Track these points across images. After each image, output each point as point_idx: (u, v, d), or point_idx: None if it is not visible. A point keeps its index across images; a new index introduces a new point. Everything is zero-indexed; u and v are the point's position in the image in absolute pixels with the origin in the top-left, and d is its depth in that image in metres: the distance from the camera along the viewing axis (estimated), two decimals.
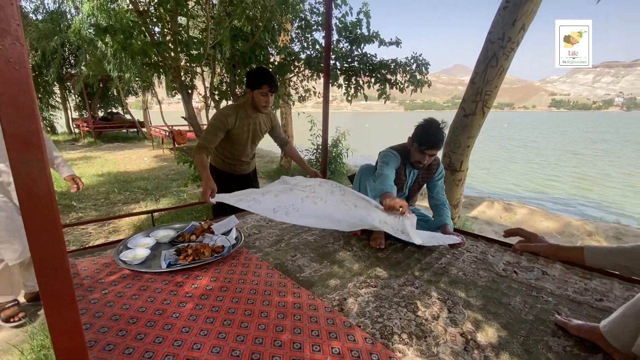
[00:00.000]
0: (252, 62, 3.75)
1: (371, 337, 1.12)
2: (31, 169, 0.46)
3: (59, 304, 0.52)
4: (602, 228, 4.10)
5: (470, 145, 2.86)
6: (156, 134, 10.09)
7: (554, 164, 12.57)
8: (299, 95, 4.74)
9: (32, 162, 0.46)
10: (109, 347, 1.01)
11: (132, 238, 1.72)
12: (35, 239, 0.49)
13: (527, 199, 6.85)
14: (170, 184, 5.84)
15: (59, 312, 0.53)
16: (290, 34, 4.83)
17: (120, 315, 1.16)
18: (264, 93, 1.99)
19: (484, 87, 2.65)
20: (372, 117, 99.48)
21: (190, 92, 3.78)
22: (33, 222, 0.48)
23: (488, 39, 2.60)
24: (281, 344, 1.06)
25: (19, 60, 0.43)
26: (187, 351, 1.01)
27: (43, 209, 0.48)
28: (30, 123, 0.45)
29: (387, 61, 3.95)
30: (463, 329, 1.17)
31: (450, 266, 1.69)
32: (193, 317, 1.17)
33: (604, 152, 16.32)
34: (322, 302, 1.31)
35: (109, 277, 1.42)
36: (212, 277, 1.45)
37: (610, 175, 10.43)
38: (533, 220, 4.46)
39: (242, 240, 1.75)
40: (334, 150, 6.81)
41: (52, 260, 0.50)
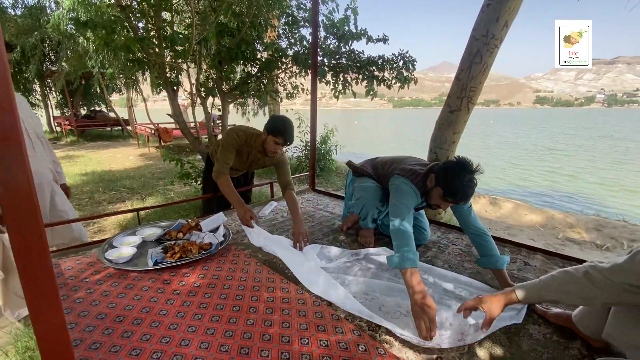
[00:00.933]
0: (238, 58, 3.71)
1: (358, 329, 1.14)
2: (10, 165, 0.45)
3: (42, 303, 0.52)
4: (582, 220, 4.23)
5: (455, 141, 2.92)
6: (141, 132, 9.90)
7: (534, 159, 12.90)
8: (287, 92, 4.72)
9: (10, 158, 0.45)
10: (95, 345, 1.00)
11: (117, 236, 1.70)
12: (16, 235, 0.48)
13: (507, 193, 7.01)
14: (157, 182, 5.75)
15: (43, 311, 0.53)
16: (277, 30, 4.80)
17: (106, 314, 1.15)
18: (277, 142, 1.94)
19: (469, 84, 2.70)
20: (361, 114, 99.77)
21: (175, 88, 3.72)
22: (14, 218, 0.48)
23: (472, 36, 2.64)
24: (270, 338, 1.07)
25: None
26: (176, 347, 1.01)
27: (23, 205, 0.47)
28: (8, 118, 0.44)
29: (374, 58, 3.97)
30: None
31: (436, 259, 1.72)
32: (181, 314, 1.17)
33: (581, 148, 16.83)
34: (311, 296, 1.32)
35: (94, 276, 1.40)
36: (200, 274, 1.44)
37: (583, 170, 10.78)
38: (517, 214, 4.57)
39: (230, 237, 1.75)
40: (322, 147, 6.82)
41: (34, 257, 0.50)
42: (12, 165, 0.45)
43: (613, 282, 0.90)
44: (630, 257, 0.89)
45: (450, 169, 1.41)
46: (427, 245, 1.90)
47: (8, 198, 0.46)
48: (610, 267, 0.92)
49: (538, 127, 35.05)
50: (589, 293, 0.95)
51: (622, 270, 0.89)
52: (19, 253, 0.49)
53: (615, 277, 0.90)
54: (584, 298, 0.98)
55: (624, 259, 0.90)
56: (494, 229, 4.03)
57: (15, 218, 0.48)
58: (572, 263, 1.71)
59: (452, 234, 2.07)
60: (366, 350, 1.04)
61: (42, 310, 0.52)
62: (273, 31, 4.50)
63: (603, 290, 0.92)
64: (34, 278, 0.51)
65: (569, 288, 1.00)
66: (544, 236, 3.89)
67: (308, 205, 2.57)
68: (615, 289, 0.90)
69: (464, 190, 1.36)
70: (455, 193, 1.38)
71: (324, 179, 6.36)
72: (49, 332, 0.54)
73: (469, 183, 1.35)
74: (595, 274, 0.94)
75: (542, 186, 8.46)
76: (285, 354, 1.01)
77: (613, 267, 0.91)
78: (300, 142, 6.96)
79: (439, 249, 1.85)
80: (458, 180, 1.36)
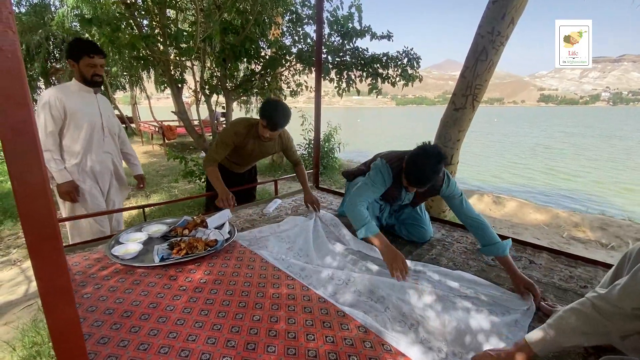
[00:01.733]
0: (242, 56, 3.71)
1: (364, 326, 1.14)
2: (24, 159, 0.46)
3: (56, 297, 0.52)
4: (587, 219, 4.21)
5: (460, 139, 2.90)
6: (145, 130, 9.94)
7: (537, 158, 12.83)
8: (291, 90, 4.72)
9: (25, 152, 0.46)
10: (104, 340, 1.01)
11: (123, 233, 1.71)
12: (29, 229, 0.48)
13: (511, 192, 6.98)
14: (161, 179, 5.78)
15: (56, 305, 0.53)
16: (281, 28, 4.79)
17: (113, 309, 1.16)
18: (263, 125, 1.91)
19: (474, 81, 2.69)
20: (364, 112, 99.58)
21: (180, 86, 3.73)
22: (27, 212, 0.48)
23: (478, 33, 2.63)
24: (276, 334, 1.08)
25: (11, 48, 0.43)
26: (183, 342, 1.02)
27: (37, 199, 0.48)
28: (23, 112, 0.45)
29: (378, 55, 3.96)
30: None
31: (441, 257, 1.72)
32: (187, 310, 1.18)
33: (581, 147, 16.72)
34: (316, 293, 1.32)
35: (101, 272, 1.41)
36: (206, 270, 1.45)
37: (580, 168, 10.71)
38: (522, 212, 4.55)
39: (235, 234, 1.76)
40: (326, 145, 6.81)
41: (47, 251, 0.50)
42: (26, 159, 0.46)
43: (623, 309, 0.81)
44: (631, 277, 0.81)
45: (413, 154, 1.50)
46: (432, 243, 1.90)
47: (22, 192, 0.47)
48: (615, 293, 0.84)
49: (542, 125, 34.83)
50: (603, 328, 0.86)
51: (628, 294, 0.81)
52: (33, 246, 0.50)
53: (623, 302, 0.81)
54: (601, 335, 0.88)
55: (625, 280, 0.83)
56: (498, 227, 4.02)
57: (29, 212, 0.48)
58: (577, 262, 1.70)
59: (457, 232, 2.06)
60: (372, 347, 1.04)
61: (56, 304, 0.53)
62: (277, 29, 4.50)
63: (615, 321, 0.83)
64: (47, 272, 0.51)
65: (585, 329, 0.89)
66: (548, 235, 3.88)
67: None
68: (627, 318, 0.81)
69: (418, 175, 1.45)
70: (409, 175, 1.49)
71: (327, 176, 6.36)
72: (62, 325, 0.54)
73: (423, 168, 1.43)
74: (602, 305, 0.85)
75: (545, 185, 8.41)
76: (291, 349, 1.01)
77: (618, 292, 0.83)
78: (303, 140, 6.97)
79: (443, 246, 1.85)
80: (415, 165, 1.46)
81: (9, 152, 0.45)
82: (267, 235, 1.86)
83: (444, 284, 1.43)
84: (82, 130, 1.90)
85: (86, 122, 1.90)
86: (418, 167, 1.46)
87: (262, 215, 2.24)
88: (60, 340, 0.56)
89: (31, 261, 0.50)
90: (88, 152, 1.95)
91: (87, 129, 1.91)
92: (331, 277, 1.45)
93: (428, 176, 1.44)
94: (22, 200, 0.47)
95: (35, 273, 0.51)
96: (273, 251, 1.69)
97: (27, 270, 2.66)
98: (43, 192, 0.48)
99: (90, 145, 1.95)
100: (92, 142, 1.96)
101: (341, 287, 1.39)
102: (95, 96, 1.99)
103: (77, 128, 1.89)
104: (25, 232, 0.49)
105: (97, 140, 1.98)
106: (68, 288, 0.54)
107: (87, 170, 1.97)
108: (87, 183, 1.98)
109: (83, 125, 1.90)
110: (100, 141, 2.00)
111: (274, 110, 1.88)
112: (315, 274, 1.48)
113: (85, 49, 1.84)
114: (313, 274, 1.48)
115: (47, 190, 0.48)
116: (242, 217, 2.19)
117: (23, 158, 0.45)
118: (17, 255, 2.90)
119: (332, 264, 1.60)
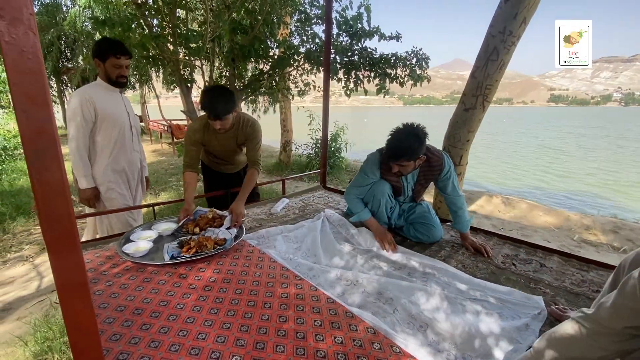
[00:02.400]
0: (251, 56, 3.72)
1: (372, 327, 1.13)
2: (45, 158, 0.46)
3: (73, 292, 0.53)
4: (599, 222, 4.13)
5: (470, 140, 2.87)
6: (154, 129, 10.04)
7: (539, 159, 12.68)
8: (299, 90, 4.72)
9: (45, 151, 0.46)
10: (115, 337, 1.03)
11: (134, 231, 1.73)
12: (48, 226, 0.49)
13: (520, 193, 6.89)
14: (170, 178, 5.83)
15: (73, 301, 0.54)
16: (289, 27, 4.80)
17: (125, 307, 1.18)
18: (210, 117, 1.81)
19: (485, 81, 2.65)
20: (370, 112, 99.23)
21: (189, 86, 3.76)
22: (46, 210, 0.49)
23: (489, 33, 2.59)
24: (285, 334, 1.08)
25: (32, 50, 0.43)
26: (192, 341, 1.02)
27: (56, 197, 0.48)
28: (44, 112, 0.45)
29: (387, 55, 3.94)
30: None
31: (450, 258, 1.71)
32: (197, 308, 1.19)
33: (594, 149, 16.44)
34: (325, 293, 1.32)
35: (112, 270, 1.43)
36: (215, 269, 1.46)
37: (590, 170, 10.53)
38: (532, 215, 4.49)
39: (244, 233, 1.77)
40: (332, 144, 6.81)
41: (65, 248, 0.51)
42: (47, 158, 0.46)
43: (614, 329, 0.74)
44: (619, 293, 0.74)
45: (390, 135, 1.67)
46: (440, 244, 1.88)
47: (42, 190, 0.48)
48: (605, 313, 0.76)
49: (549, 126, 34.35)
50: (599, 352, 0.77)
51: (618, 313, 0.73)
52: (51, 243, 0.51)
53: (614, 322, 0.74)
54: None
55: (614, 298, 0.75)
56: (507, 229, 3.97)
57: (48, 210, 0.49)
58: (590, 265, 1.67)
59: None
60: (381, 349, 1.04)
61: (73, 299, 0.54)
62: (285, 28, 4.50)
63: (610, 344, 0.75)
64: (64, 268, 0.52)
65: (571, 354, 0.81)
66: (558, 237, 3.82)
67: (319, 202, 2.58)
68: (623, 338, 0.73)
69: (390, 146, 1.64)
70: (386, 150, 1.67)
71: (333, 176, 6.35)
72: (78, 320, 0.55)
73: (397, 142, 1.61)
74: (594, 327, 0.77)
75: (556, 188, 8.29)
76: (300, 349, 1.02)
77: (608, 311, 0.75)
78: (310, 139, 6.97)
79: (452, 248, 1.84)
80: (390, 138, 1.65)
81: (30, 151, 0.46)
82: (274, 235, 1.87)
83: (453, 287, 1.42)
84: (113, 130, 1.89)
85: (116, 122, 1.90)
86: (392, 139, 1.64)
87: (270, 214, 2.25)
88: (76, 334, 0.56)
89: (49, 257, 0.51)
90: (119, 151, 1.95)
91: (118, 128, 1.91)
92: (339, 277, 1.45)
93: (398, 146, 1.61)
94: (41, 199, 0.48)
95: (53, 269, 0.52)
96: (281, 250, 1.69)
97: (39, 266, 2.71)
98: (62, 190, 0.49)
99: (122, 145, 1.95)
100: (123, 141, 1.95)
101: (349, 288, 1.39)
102: (120, 95, 1.99)
103: (109, 128, 1.88)
104: (43, 229, 0.50)
105: (127, 139, 1.98)
106: (84, 284, 0.55)
107: (118, 170, 1.97)
108: (118, 183, 1.98)
109: (114, 125, 1.89)
110: (130, 140, 2.01)
111: (209, 97, 1.78)
112: (324, 274, 1.48)
113: (112, 50, 1.82)
114: (321, 274, 1.48)
115: (66, 188, 0.49)
116: (250, 216, 2.19)
117: (43, 157, 0.46)
118: (30, 251, 2.96)
119: (339, 264, 1.60)
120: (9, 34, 0.42)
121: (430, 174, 1.83)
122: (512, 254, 1.77)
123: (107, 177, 1.92)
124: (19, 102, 0.44)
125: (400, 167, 1.68)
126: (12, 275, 2.58)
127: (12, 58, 0.43)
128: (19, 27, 0.43)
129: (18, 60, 0.43)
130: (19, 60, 0.43)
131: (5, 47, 0.42)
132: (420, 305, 1.27)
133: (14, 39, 0.42)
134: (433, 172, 1.81)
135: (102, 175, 1.91)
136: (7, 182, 4.65)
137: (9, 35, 0.42)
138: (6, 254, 2.89)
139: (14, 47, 0.43)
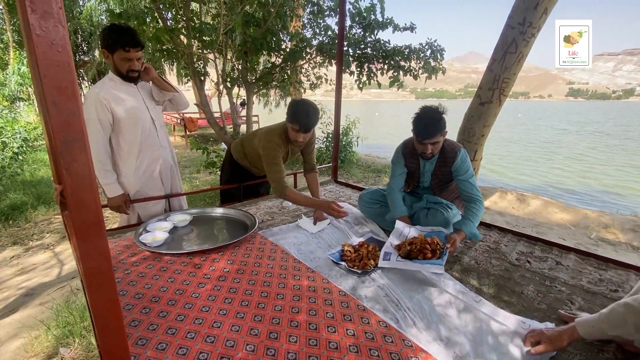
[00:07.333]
0: (263, 49, 3.73)
1: (384, 321, 1.14)
2: (73, 149, 0.48)
3: (99, 278, 0.55)
4: (618, 220, 4.02)
5: (485, 135, 2.82)
6: (167, 121, 10.18)
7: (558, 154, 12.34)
8: (310, 82, 4.71)
9: (74, 143, 0.48)
10: (134, 323, 1.06)
11: (151, 222, 1.77)
12: (76, 215, 0.51)
13: (530, 189, 6.75)
14: (183, 170, 5.92)
15: (99, 287, 0.56)
16: (302, 20, 4.77)
17: (143, 294, 1.21)
18: (295, 129, 1.81)
19: (502, 75, 2.59)
20: (382, 106, 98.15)
21: (202, 78, 3.79)
22: (74, 200, 0.50)
23: (508, 24, 2.52)
24: (297, 325, 1.09)
25: (61, 42, 0.45)
26: (208, 329, 1.05)
27: (83, 187, 0.50)
28: (72, 104, 0.47)
29: (400, 47, 3.88)
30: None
31: (463, 254, 1.69)
32: (212, 297, 1.21)
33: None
34: (336, 286, 1.33)
35: (130, 258, 1.47)
36: (229, 259, 1.49)
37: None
38: (547, 212, 4.40)
39: (256, 225, 1.79)
40: (344, 138, 6.78)
41: (92, 236, 0.53)
42: (75, 149, 0.48)
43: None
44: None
45: (415, 115, 1.72)
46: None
47: (70, 181, 0.49)
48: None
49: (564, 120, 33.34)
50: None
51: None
52: (79, 232, 0.52)
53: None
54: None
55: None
56: (522, 226, 3.91)
57: (76, 200, 0.51)
58: (608, 264, 1.64)
59: (480, 230, 2.02)
60: (393, 342, 1.05)
61: (98, 285, 0.56)
62: (298, 20, 4.48)
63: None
64: (91, 255, 0.54)
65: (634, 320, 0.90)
66: (575, 235, 3.73)
67: (330, 196, 2.58)
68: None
69: (425, 125, 1.66)
70: (419, 131, 1.68)
71: (344, 170, 6.34)
72: (103, 305, 0.57)
73: (429, 120, 1.66)
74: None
75: (575, 184, 8.09)
76: (312, 340, 1.03)
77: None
78: (321, 133, 6.95)
79: (465, 244, 1.82)
80: (421, 120, 1.69)
81: (59, 142, 0.47)
82: (286, 233, 1.87)
83: (465, 282, 1.41)
84: (135, 129, 1.75)
85: (137, 120, 1.75)
86: (418, 120, 1.69)
87: (282, 207, 2.26)
88: (101, 318, 0.59)
89: (77, 245, 0.53)
90: (145, 152, 1.81)
91: (140, 126, 1.77)
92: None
93: (429, 124, 1.66)
94: (70, 189, 0.50)
95: (80, 256, 0.54)
96: (295, 242, 1.71)
97: (60, 254, 2.81)
98: (89, 180, 0.50)
99: (148, 144, 1.81)
100: (148, 140, 1.81)
101: (361, 282, 1.39)
102: (136, 87, 1.80)
103: (130, 128, 1.74)
104: (72, 218, 0.51)
105: (152, 136, 1.84)
106: (109, 270, 0.57)
107: (147, 172, 1.85)
108: (148, 186, 1.88)
109: (135, 124, 1.75)
110: (154, 136, 1.85)
111: (304, 112, 1.80)
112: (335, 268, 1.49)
113: (120, 41, 1.62)
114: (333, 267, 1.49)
115: (93, 179, 0.51)
116: (262, 210, 2.22)
117: (72, 148, 0.48)
118: (50, 239, 3.06)
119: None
120: (40, 27, 0.43)
121: (444, 167, 1.78)
122: (527, 251, 1.75)
123: (137, 181, 1.83)
124: (49, 94, 0.45)
125: (433, 146, 1.69)
126: (34, 262, 2.68)
127: (43, 50, 0.44)
128: (49, 20, 0.44)
129: (48, 52, 0.44)
130: (49, 53, 0.44)
131: (36, 40, 0.43)
132: (432, 300, 1.27)
133: (45, 32, 0.44)
134: (447, 162, 1.76)
135: (131, 180, 1.81)
136: (29, 173, 4.81)
137: (39, 29, 0.43)
138: (28, 242, 3.00)
139: (44, 40, 0.44)
